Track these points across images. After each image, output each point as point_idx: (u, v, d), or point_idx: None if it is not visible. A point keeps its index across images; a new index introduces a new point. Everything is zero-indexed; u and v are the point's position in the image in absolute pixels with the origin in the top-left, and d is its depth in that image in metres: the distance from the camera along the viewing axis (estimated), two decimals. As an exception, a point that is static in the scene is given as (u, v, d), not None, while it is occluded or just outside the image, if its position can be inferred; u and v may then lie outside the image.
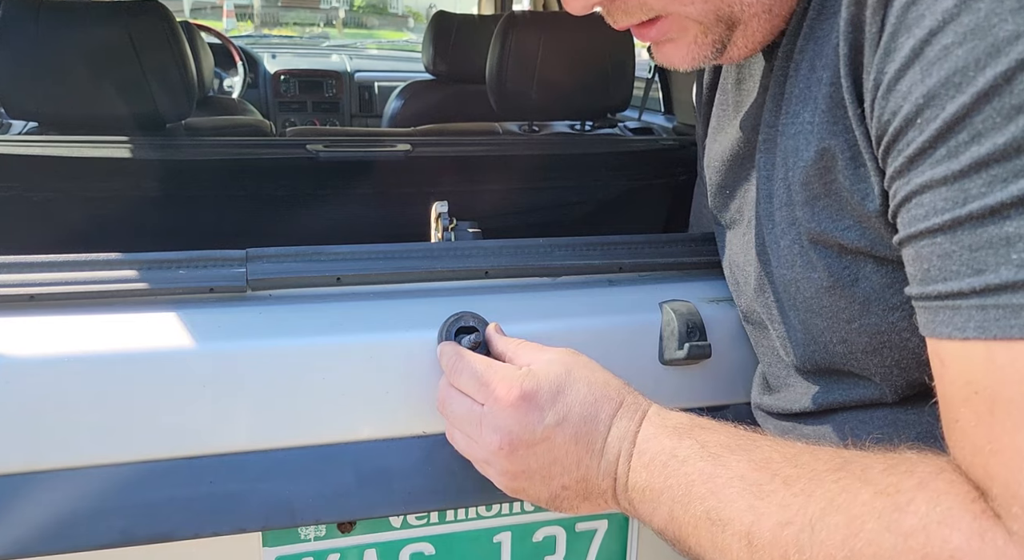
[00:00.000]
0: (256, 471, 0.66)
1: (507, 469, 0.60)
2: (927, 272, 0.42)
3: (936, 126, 0.40)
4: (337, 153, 1.33)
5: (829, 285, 0.54)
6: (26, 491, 0.62)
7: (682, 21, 0.57)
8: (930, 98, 0.41)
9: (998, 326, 0.38)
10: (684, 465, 0.53)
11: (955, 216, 0.40)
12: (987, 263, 0.38)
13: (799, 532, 0.45)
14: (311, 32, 4.92)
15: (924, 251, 0.42)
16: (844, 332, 0.56)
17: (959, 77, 0.39)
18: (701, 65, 0.59)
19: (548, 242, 0.77)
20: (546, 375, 0.60)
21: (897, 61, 0.43)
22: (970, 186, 0.39)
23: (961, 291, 0.40)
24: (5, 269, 0.65)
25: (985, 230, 0.39)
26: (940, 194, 0.41)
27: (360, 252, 0.72)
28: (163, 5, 1.40)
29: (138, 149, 1.27)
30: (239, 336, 0.66)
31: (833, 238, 0.52)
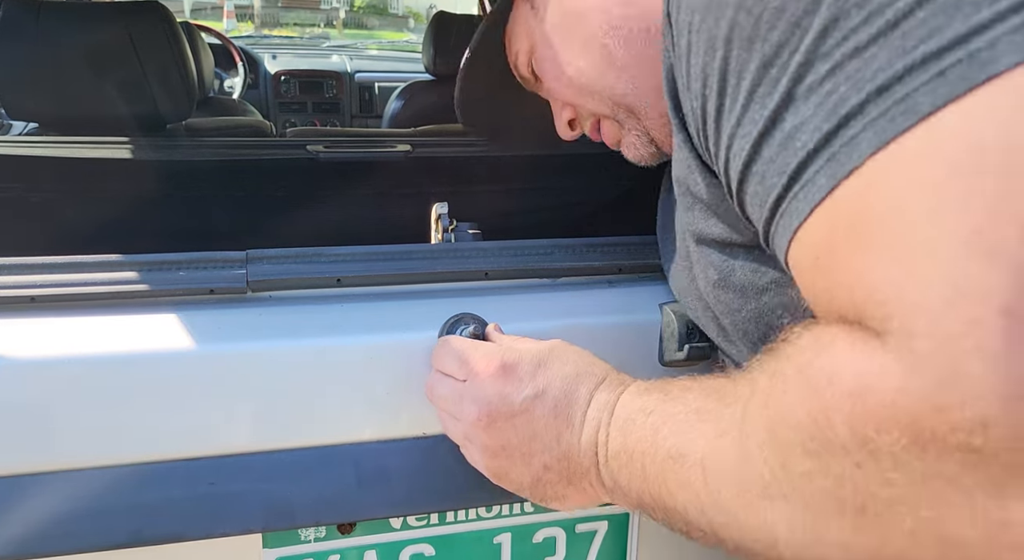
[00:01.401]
0: (256, 472, 0.66)
1: (486, 444, 0.60)
2: (760, 205, 0.46)
3: (716, 86, 0.47)
4: (337, 154, 1.33)
5: (716, 280, 0.58)
6: (28, 492, 0.62)
7: (608, 122, 0.76)
8: (704, 68, 0.47)
9: (806, 201, 0.41)
10: (650, 416, 0.53)
11: (753, 143, 0.44)
12: (786, 162, 0.42)
13: (735, 437, 0.44)
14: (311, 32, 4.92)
15: (751, 189, 0.46)
16: (739, 322, 0.58)
17: (712, 40, 0.46)
18: (647, 158, 0.75)
19: (548, 243, 0.77)
20: (528, 350, 0.61)
21: (683, 58, 0.50)
22: (752, 115, 0.44)
23: (779, 196, 0.43)
24: (6, 271, 0.65)
25: (773, 139, 0.43)
26: (739, 135, 0.46)
27: (360, 253, 0.72)
28: (163, 5, 1.40)
29: (138, 150, 1.27)
30: (239, 338, 0.66)
31: (708, 235, 0.57)
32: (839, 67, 0.39)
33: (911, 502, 0.35)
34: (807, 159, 0.41)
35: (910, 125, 0.36)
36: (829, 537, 0.39)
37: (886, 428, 0.34)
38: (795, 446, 0.39)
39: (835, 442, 0.37)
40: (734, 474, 0.44)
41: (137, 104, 1.35)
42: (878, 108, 0.37)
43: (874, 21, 0.38)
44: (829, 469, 0.38)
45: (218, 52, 3.07)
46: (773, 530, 0.42)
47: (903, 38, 0.36)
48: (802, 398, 0.39)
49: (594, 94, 0.73)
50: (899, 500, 0.35)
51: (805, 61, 0.41)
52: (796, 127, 0.41)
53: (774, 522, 0.42)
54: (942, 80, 0.35)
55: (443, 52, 2.50)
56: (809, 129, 0.41)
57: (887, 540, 0.37)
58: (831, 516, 0.39)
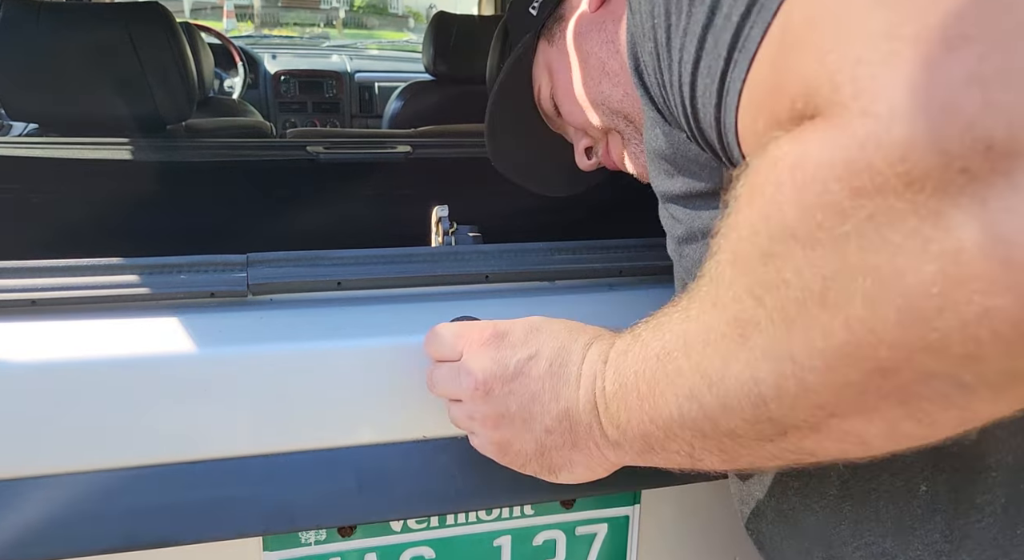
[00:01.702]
0: (257, 475, 0.66)
1: (487, 414, 0.59)
2: (708, 94, 0.46)
3: (662, 9, 0.48)
4: (337, 155, 1.33)
5: (681, 234, 0.60)
6: (27, 496, 0.62)
7: (612, 136, 0.81)
8: (652, 7, 0.49)
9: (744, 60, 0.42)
10: (639, 339, 0.51)
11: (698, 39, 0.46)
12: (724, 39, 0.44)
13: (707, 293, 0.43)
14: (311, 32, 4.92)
15: (700, 88, 0.47)
16: None
17: None
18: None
19: (548, 246, 0.77)
20: (520, 319, 0.61)
21: (636, 13, 0.52)
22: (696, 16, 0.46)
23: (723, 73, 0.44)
24: (7, 274, 0.65)
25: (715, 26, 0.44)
26: (688, 42, 0.47)
27: (361, 256, 0.72)
28: (163, 6, 1.40)
29: (139, 151, 1.27)
30: (240, 341, 0.66)
31: (671, 192, 0.59)
32: None
33: (865, 260, 0.33)
34: (741, 23, 0.42)
35: None
36: (802, 347, 0.37)
37: (827, 186, 0.34)
38: (755, 257, 0.38)
39: (785, 226, 0.36)
40: (712, 332, 0.42)
41: (137, 105, 1.35)
42: None
43: None
44: (786, 264, 0.36)
45: (218, 52, 3.07)
46: (755, 373, 0.39)
47: None
48: (753, 203, 0.38)
49: (595, 107, 0.79)
50: (854, 264, 0.34)
51: None
52: (731, 6, 0.43)
53: (755, 362, 0.39)
54: None
55: (443, 52, 2.50)
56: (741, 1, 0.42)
57: (851, 322, 0.34)
58: (798, 322, 0.36)
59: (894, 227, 0.32)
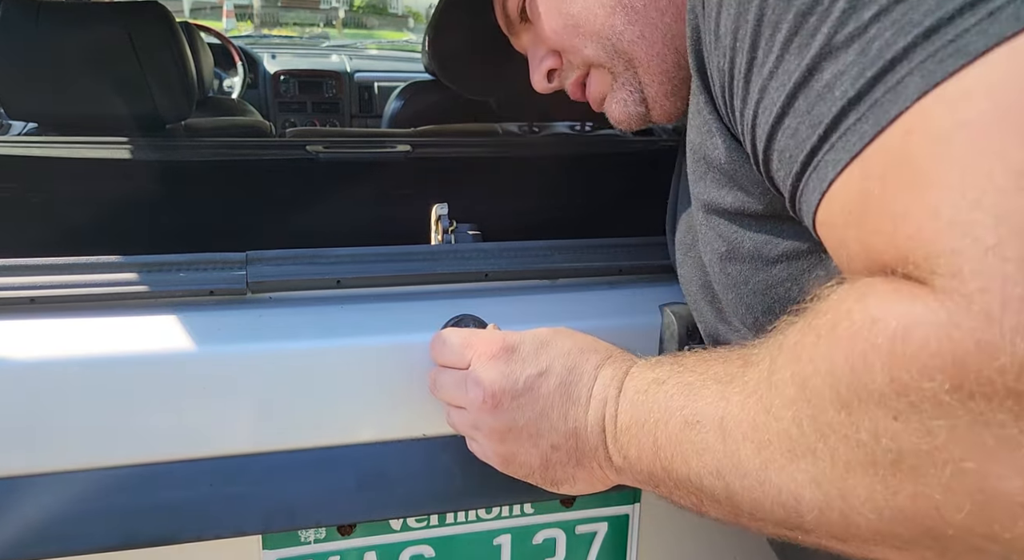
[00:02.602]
0: (256, 474, 0.66)
1: (493, 427, 0.59)
2: (789, 159, 0.44)
3: (749, 39, 0.45)
4: (337, 154, 1.33)
5: (725, 251, 0.56)
6: (26, 494, 0.62)
7: (599, 73, 0.69)
8: (736, 21, 0.45)
9: (845, 151, 0.39)
10: (663, 385, 0.52)
11: (787, 94, 0.43)
12: (822, 113, 0.41)
13: (760, 395, 0.43)
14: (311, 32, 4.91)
15: (781, 144, 0.44)
16: (744, 296, 0.56)
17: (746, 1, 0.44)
18: (635, 117, 0.69)
19: (548, 245, 0.77)
20: (530, 333, 0.60)
21: (713, 15, 0.48)
22: (787, 66, 0.42)
23: (813, 148, 0.42)
24: (6, 272, 0.65)
25: (810, 89, 0.41)
26: (772, 88, 0.44)
27: (360, 255, 0.72)
28: (163, 5, 1.40)
29: (138, 150, 1.27)
30: (239, 339, 0.66)
31: (719, 205, 0.55)
32: (884, 12, 0.38)
33: (951, 453, 0.33)
34: (847, 107, 0.39)
35: (960, 66, 0.34)
36: (857, 493, 0.37)
37: (929, 373, 0.33)
38: (827, 397, 0.37)
39: (872, 389, 0.35)
40: (757, 433, 0.42)
41: (136, 104, 1.35)
42: (926, 51, 0.36)
43: None
44: (863, 422, 0.36)
45: (217, 52, 3.06)
46: (797, 490, 0.40)
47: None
48: (839, 346, 0.37)
49: (596, 37, 0.67)
50: (938, 451, 0.34)
51: (849, 7, 0.39)
52: (836, 76, 0.40)
53: (799, 482, 0.40)
54: (993, 20, 0.34)
55: (443, 52, 2.50)
56: (850, 77, 0.39)
57: (920, 495, 0.35)
58: (862, 471, 0.37)
59: (991, 432, 0.32)
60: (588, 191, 1.47)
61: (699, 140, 0.55)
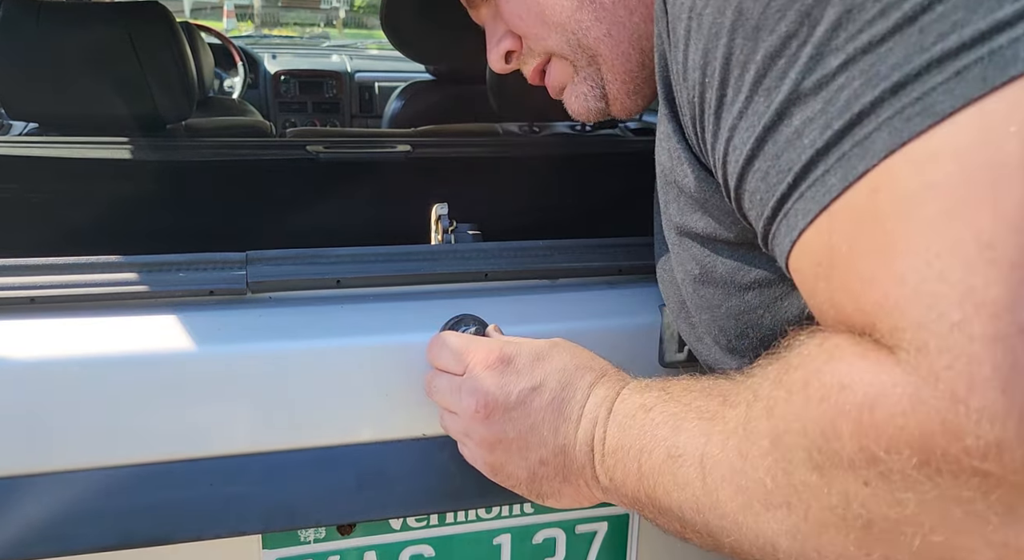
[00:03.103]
0: (256, 473, 0.66)
1: (484, 437, 0.59)
2: (760, 202, 0.43)
3: (718, 76, 0.44)
4: (337, 154, 1.33)
5: (698, 274, 0.56)
6: (26, 493, 0.62)
7: (560, 64, 0.68)
8: (705, 56, 0.45)
9: (814, 202, 0.39)
10: (650, 412, 0.52)
11: (756, 137, 0.42)
12: (791, 159, 0.40)
13: (737, 440, 0.43)
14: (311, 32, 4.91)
15: (751, 185, 0.44)
16: (717, 318, 0.57)
17: (715, 27, 0.43)
18: (594, 112, 0.69)
19: (548, 244, 0.77)
20: (527, 343, 0.60)
21: (680, 46, 0.47)
22: (756, 107, 0.42)
23: (783, 195, 0.41)
24: (6, 271, 0.65)
25: (779, 134, 0.41)
26: (742, 128, 0.43)
27: (360, 255, 0.72)
28: (163, 5, 1.40)
29: (138, 150, 1.27)
30: (239, 339, 0.66)
31: (691, 229, 0.55)
32: (852, 62, 0.37)
33: (920, 524, 0.34)
34: (815, 158, 0.39)
35: (926, 126, 0.34)
36: (832, 549, 0.38)
37: (896, 446, 0.33)
38: (800, 457, 0.38)
39: (842, 455, 0.36)
40: (735, 478, 0.43)
41: (137, 104, 1.35)
42: (893, 107, 0.35)
43: (890, 14, 0.36)
44: (834, 484, 0.37)
45: (218, 52, 3.07)
46: (774, 538, 0.41)
47: (921, 34, 0.35)
48: (809, 407, 0.37)
49: (560, 29, 0.65)
50: (907, 521, 0.34)
51: (816, 53, 0.39)
52: (804, 123, 0.39)
53: (775, 531, 0.41)
54: (960, 80, 0.34)
55: (443, 52, 2.50)
56: (818, 126, 0.39)
57: (892, 557, 0.36)
58: (835, 530, 0.38)
59: (960, 507, 0.33)
60: (588, 191, 1.47)
61: (669, 165, 0.55)
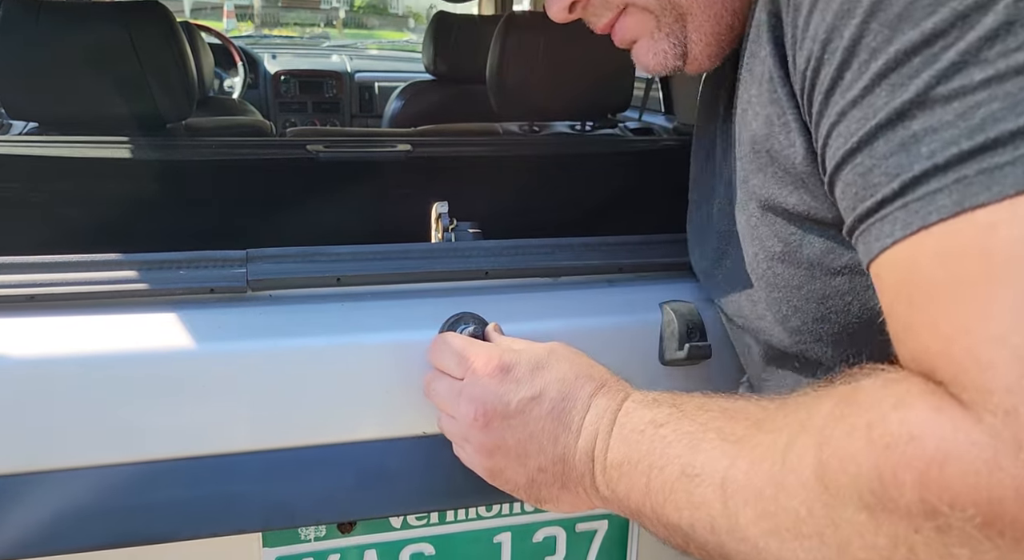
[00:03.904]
0: (256, 471, 0.66)
1: (483, 443, 0.59)
2: (855, 196, 0.42)
3: (839, 56, 0.42)
4: (337, 153, 1.33)
5: (780, 252, 0.54)
6: (26, 491, 0.62)
7: (637, 17, 0.62)
8: (830, 31, 0.42)
9: (918, 217, 0.38)
10: (661, 428, 0.52)
11: (867, 131, 0.40)
12: (901, 165, 0.39)
13: (771, 466, 0.43)
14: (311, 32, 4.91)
15: (848, 177, 0.43)
16: (796, 299, 0.55)
17: (849, 4, 0.41)
18: (669, 69, 0.63)
19: (548, 243, 0.77)
20: (527, 351, 0.60)
21: (803, 11, 0.45)
22: (875, 100, 0.40)
23: (884, 198, 0.40)
24: (5, 269, 0.65)
25: (894, 134, 0.39)
26: (853, 117, 0.41)
27: (360, 253, 0.72)
28: (163, 5, 1.40)
29: (138, 149, 1.27)
30: (239, 337, 0.66)
31: (780, 204, 0.53)
32: (998, 80, 0.35)
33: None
34: (931, 171, 0.37)
35: None
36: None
37: (961, 505, 0.33)
38: (849, 496, 0.37)
39: (899, 503, 0.35)
40: (762, 503, 0.43)
41: (137, 104, 1.35)
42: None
43: None
44: (882, 527, 0.36)
45: (218, 52, 3.07)
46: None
47: None
48: (871, 451, 0.37)
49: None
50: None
51: (959, 60, 0.36)
52: (926, 131, 0.37)
53: (800, 558, 0.40)
54: None
55: (443, 52, 2.50)
56: (942, 139, 0.36)
57: None
58: None
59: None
60: (588, 191, 1.47)
61: (766, 131, 0.52)
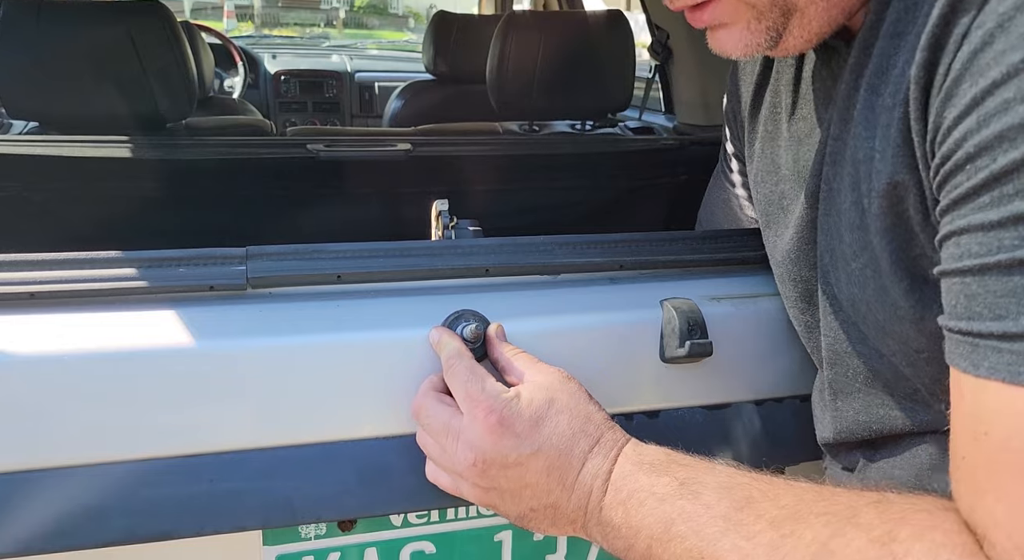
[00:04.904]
0: (256, 469, 0.66)
1: (478, 484, 0.62)
2: (954, 307, 0.44)
3: (984, 175, 0.42)
4: (337, 153, 1.33)
5: (902, 314, 0.54)
6: (26, 489, 0.61)
7: (735, 5, 0.57)
8: (983, 148, 0.42)
9: (1008, 370, 0.40)
10: (663, 503, 0.54)
11: (985, 262, 0.42)
12: (1008, 310, 0.40)
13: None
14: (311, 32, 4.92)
15: (954, 288, 0.44)
16: (912, 358, 0.56)
17: (1015, 132, 0.40)
18: (755, 54, 0.59)
19: (549, 240, 0.76)
20: (528, 403, 0.61)
21: (958, 107, 0.44)
22: (1005, 236, 0.41)
23: (980, 332, 0.42)
24: (5, 267, 0.65)
25: (1011, 280, 0.40)
26: (976, 238, 0.43)
27: (360, 250, 0.72)
28: (164, 5, 1.40)
29: (139, 149, 1.27)
30: (239, 334, 0.66)
31: (904, 271, 0.53)
32: None
33: None
34: None
35: None
36: None
37: None
38: None
39: None
40: None
41: (137, 103, 1.35)
42: None
43: None
44: None
45: (218, 52, 3.07)
46: None
47: None
48: None
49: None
50: None
51: None
52: None
53: None
54: None
55: (443, 52, 2.50)
56: None
57: None
58: None
59: None
60: (588, 190, 1.47)
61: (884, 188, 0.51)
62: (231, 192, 1.29)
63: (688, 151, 1.50)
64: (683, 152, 1.50)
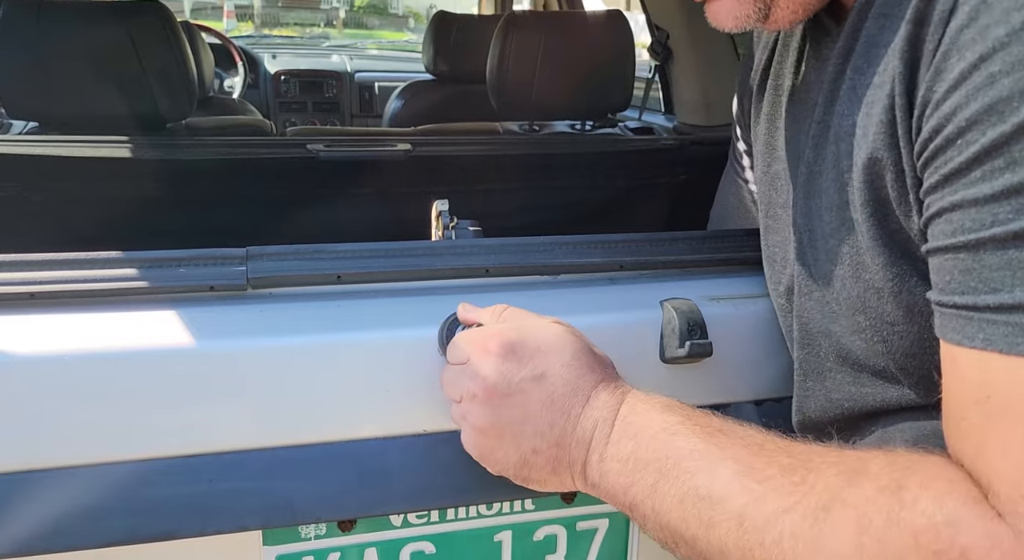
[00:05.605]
0: (256, 469, 0.66)
1: (478, 421, 0.60)
2: (948, 283, 0.44)
3: (975, 149, 0.42)
4: (337, 153, 1.33)
5: (877, 288, 0.55)
6: (26, 490, 0.62)
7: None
8: (972, 122, 0.42)
9: (1006, 342, 0.40)
10: (675, 437, 0.53)
11: (980, 237, 0.42)
12: (1003, 283, 0.41)
13: (800, 520, 0.45)
14: (311, 32, 4.92)
15: (947, 264, 0.44)
16: (885, 333, 0.56)
17: (1002, 105, 0.41)
18: (746, 26, 0.60)
19: (549, 240, 0.76)
20: (533, 330, 0.60)
21: (945, 81, 0.44)
22: (998, 210, 0.41)
23: (975, 305, 0.42)
24: (6, 267, 0.65)
25: (1006, 253, 0.41)
26: (969, 214, 0.43)
27: (360, 250, 0.72)
28: (163, 5, 1.40)
29: (139, 149, 1.27)
30: (239, 334, 0.66)
31: (883, 245, 0.53)
32: None
33: None
34: None
35: None
36: None
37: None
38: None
39: None
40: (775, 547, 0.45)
41: (137, 103, 1.35)
42: None
43: None
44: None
45: (218, 52, 3.07)
46: None
47: None
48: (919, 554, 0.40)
49: None
50: None
51: None
52: None
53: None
54: None
55: (443, 52, 2.51)
56: None
57: None
58: None
59: None
60: (588, 190, 1.47)
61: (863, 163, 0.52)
62: (231, 192, 1.29)
63: (688, 151, 1.50)
64: (683, 152, 1.50)
